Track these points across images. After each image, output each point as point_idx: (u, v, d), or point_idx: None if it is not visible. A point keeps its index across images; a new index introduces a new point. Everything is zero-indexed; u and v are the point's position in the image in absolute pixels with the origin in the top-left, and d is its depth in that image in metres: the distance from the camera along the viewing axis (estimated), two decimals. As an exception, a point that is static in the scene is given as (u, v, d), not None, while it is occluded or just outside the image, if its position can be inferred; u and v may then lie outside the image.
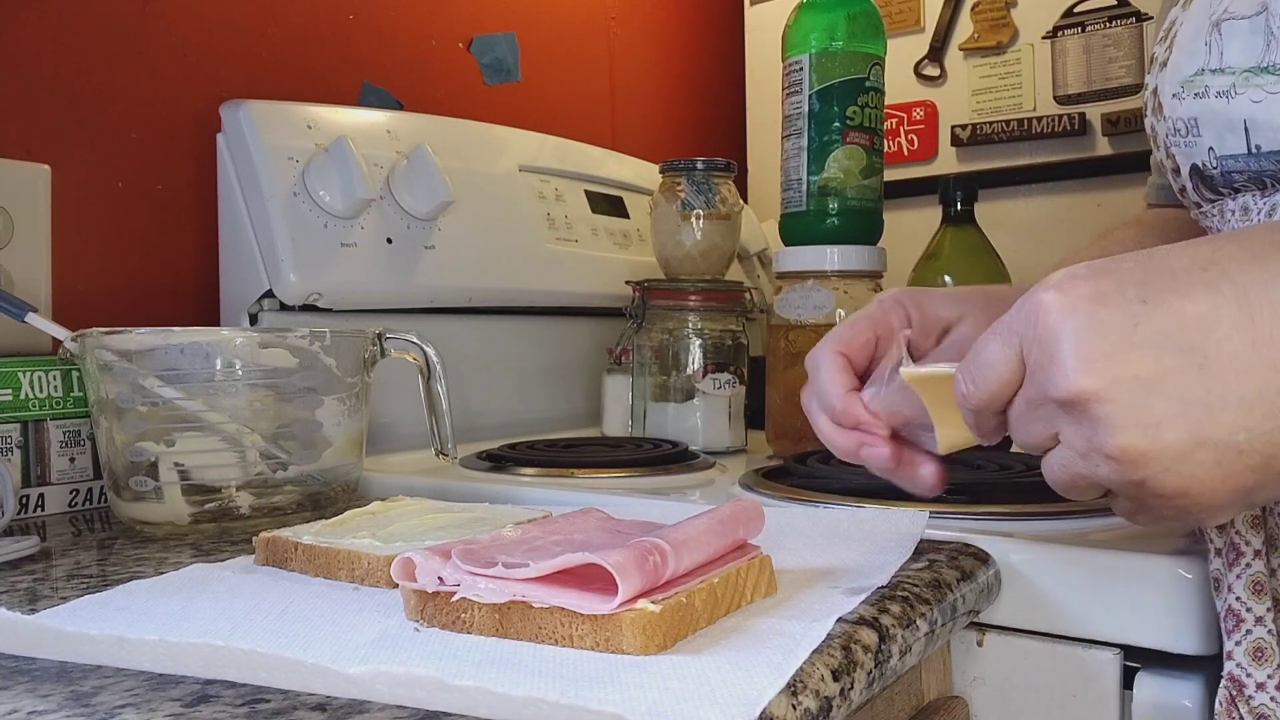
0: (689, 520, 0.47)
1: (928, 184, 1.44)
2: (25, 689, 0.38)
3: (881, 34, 0.94)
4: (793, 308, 0.93)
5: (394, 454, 0.95)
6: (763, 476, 0.77)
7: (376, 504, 0.64)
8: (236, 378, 0.68)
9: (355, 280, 0.93)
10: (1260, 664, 0.46)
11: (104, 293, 0.90)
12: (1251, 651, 0.46)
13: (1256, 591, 0.46)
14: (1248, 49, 0.47)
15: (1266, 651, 0.46)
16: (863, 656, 0.42)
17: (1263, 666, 0.46)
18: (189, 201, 0.96)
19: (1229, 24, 0.50)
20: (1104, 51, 1.36)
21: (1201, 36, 0.50)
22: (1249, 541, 0.47)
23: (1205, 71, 0.49)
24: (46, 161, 0.85)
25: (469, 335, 1.08)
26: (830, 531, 0.59)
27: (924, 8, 1.51)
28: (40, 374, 0.77)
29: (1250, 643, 0.46)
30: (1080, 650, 0.55)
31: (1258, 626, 0.46)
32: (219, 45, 0.98)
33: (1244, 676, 0.46)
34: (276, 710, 0.36)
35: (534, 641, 0.41)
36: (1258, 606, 0.46)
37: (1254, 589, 0.47)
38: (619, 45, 1.51)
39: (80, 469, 0.79)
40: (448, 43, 1.23)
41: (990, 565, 0.56)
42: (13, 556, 0.60)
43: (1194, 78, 0.50)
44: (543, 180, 1.17)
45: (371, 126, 0.98)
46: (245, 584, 0.52)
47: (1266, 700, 0.46)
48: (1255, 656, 0.46)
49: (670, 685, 0.36)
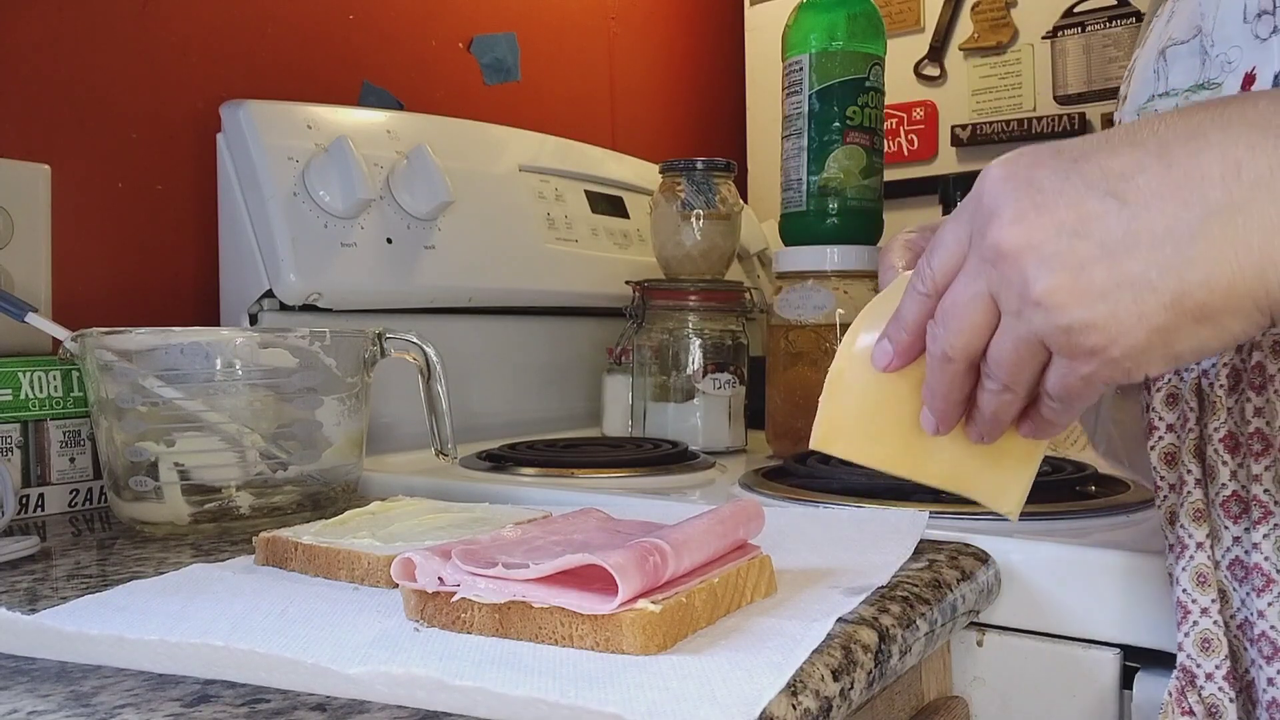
0: (689, 520, 0.47)
1: (928, 184, 1.44)
2: (25, 689, 0.38)
3: (881, 34, 0.94)
4: (792, 308, 0.93)
5: (394, 454, 0.95)
6: (763, 476, 0.77)
7: (376, 504, 0.64)
8: (236, 378, 0.68)
9: (355, 280, 0.93)
10: (1208, 655, 0.47)
11: (104, 293, 0.90)
12: (1199, 642, 0.47)
13: (1200, 583, 0.47)
14: (1188, 70, 0.51)
15: (1213, 642, 0.47)
16: (863, 656, 0.42)
17: (1210, 657, 0.47)
18: (189, 201, 0.96)
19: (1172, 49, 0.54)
20: (1104, 51, 1.36)
21: (1151, 65, 0.53)
22: (1192, 534, 0.48)
23: (1155, 97, 0.52)
24: (46, 161, 0.85)
25: (469, 335, 1.08)
26: (830, 531, 0.59)
27: (924, 8, 1.51)
28: (40, 374, 0.77)
29: (1197, 634, 0.47)
30: (1080, 650, 0.55)
31: (1203, 618, 0.47)
32: (219, 45, 0.98)
33: (1194, 668, 0.47)
34: (276, 710, 0.36)
35: (534, 641, 0.41)
36: (1202, 598, 0.47)
37: (1198, 581, 0.47)
38: (619, 45, 1.51)
39: (80, 469, 0.79)
40: (448, 43, 1.23)
41: (990, 565, 0.56)
42: (13, 556, 0.60)
43: (1146, 104, 0.53)
44: (543, 180, 1.17)
45: (371, 126, 0.98)
46: (245, 584, 0.52)
47: (1215, 691, 0.46)
48: (1203, 647, 0.47)
49: (670, 685, 0.36)
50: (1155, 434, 0.50)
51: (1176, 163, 0.36)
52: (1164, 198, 0.36)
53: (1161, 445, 0.49)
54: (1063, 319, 0.38)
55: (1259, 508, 0.46)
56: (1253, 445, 0.46)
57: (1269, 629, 0.45)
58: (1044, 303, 0.38)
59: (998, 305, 0.40)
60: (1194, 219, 0.35)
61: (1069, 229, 0.37)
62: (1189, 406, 0.49)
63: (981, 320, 0.41)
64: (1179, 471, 0.49)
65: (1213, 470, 0.48)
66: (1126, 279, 0.36)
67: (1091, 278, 0.37)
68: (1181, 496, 0.48)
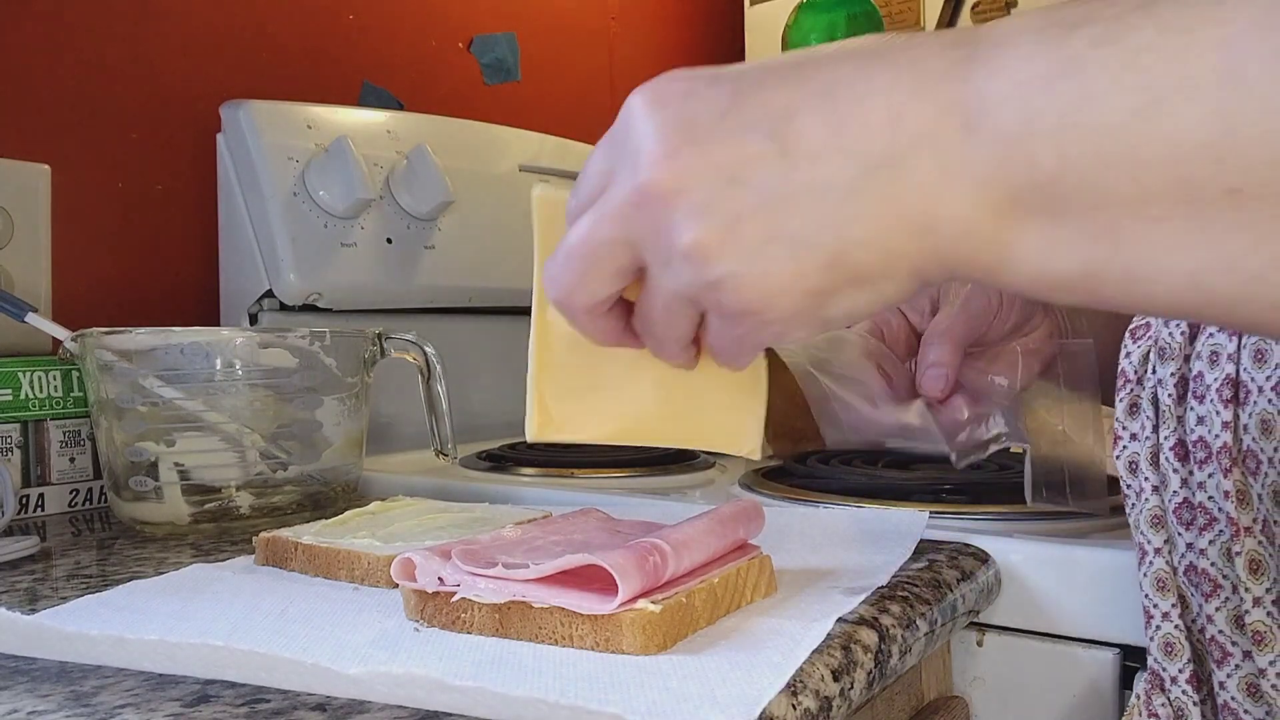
0: (689, 520, 0.47)
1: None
2: (25, 689, 0.38)
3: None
4: (793, 308, 0.93)
5: (394, 454, 0.95)
6: (763, 476, 0.77)
7: (376, 504, 0.64)
8: (236, 378, 0.68)
9: (355, 280, 0.93)
10: (1171, 658, 0.47)
11: (104, 293, 0.90)
12: (1162, 646, 0.48)
13: (1161, 588, 0.48)
14: None
15: (1175, 646, 0.47)
16: (863, 656, 0.42)
17: (1174, 661, 0.47)
18: (189, 201, 0.96)
19: None
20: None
21: None
22: (1150, 540, 0.48)
23: None
24: (46, 161, 0.85)
25: (469, 335, 1.08)
26: (830, 531, 0.59)
27: (924, 8, 1.50)
28: (40, 374, 0.77)
29: (1160, 638, 0.48)
30: (1080, 650, 0.55)
31: (1165, 622, 0.48)
32: (219, 45, 0.98)
33: (1161, 671, 0.47)
34: (276, 710, 0.36)
35: (534, 641, 0.41)
36: (1163, 603, 0.48)
37: (1158, 585, 0.48)
38: (619, 45, 1.51)
39: (80, 469, 0.79)
40: (448, 43, 1.23)
41: (990, 565, 0.56)
42: (13, 556, 0.60)
43: None
44: (543, 180, 1.17)
45: (371, 126, 0.98)
46: (245, 584, 0.52)
47: (1179, 694, 0.47)
48: (1166, 651, 0.48)
49: (670, 685, 0.36)
50: (1120, 443, 0.50)
51: (839, 106, 0.32)
52: (827, 146, 0.31)
53: (1126, 454, 0.50)
54: (711, 273, 0.33)
55: (1204, 515, 0.47)
56: (1196, 453, 0.46)
57: (1218, 634, 0.46)
58: (693, 256, 0.33)
59: (639, 253, 0.36)
60: (855, 172, 0.31)
61: (726, 174, 0.32)
62: (1146, 416, 0.49)
63: (609, 266, 0.36)
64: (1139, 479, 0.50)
65: (1165, 478, 0.48)
66: (784, 234, 0.32)
67: (746, 231, 0.32)
68: (1140, 503, 0.49)
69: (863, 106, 0.31)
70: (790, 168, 0.32)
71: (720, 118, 0.33)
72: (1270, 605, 0.45)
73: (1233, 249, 0.27)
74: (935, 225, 0.31)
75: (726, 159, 0.33)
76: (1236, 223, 0.27)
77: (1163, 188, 0.27)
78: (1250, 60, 0.26)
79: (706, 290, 0.34)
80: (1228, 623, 0.46)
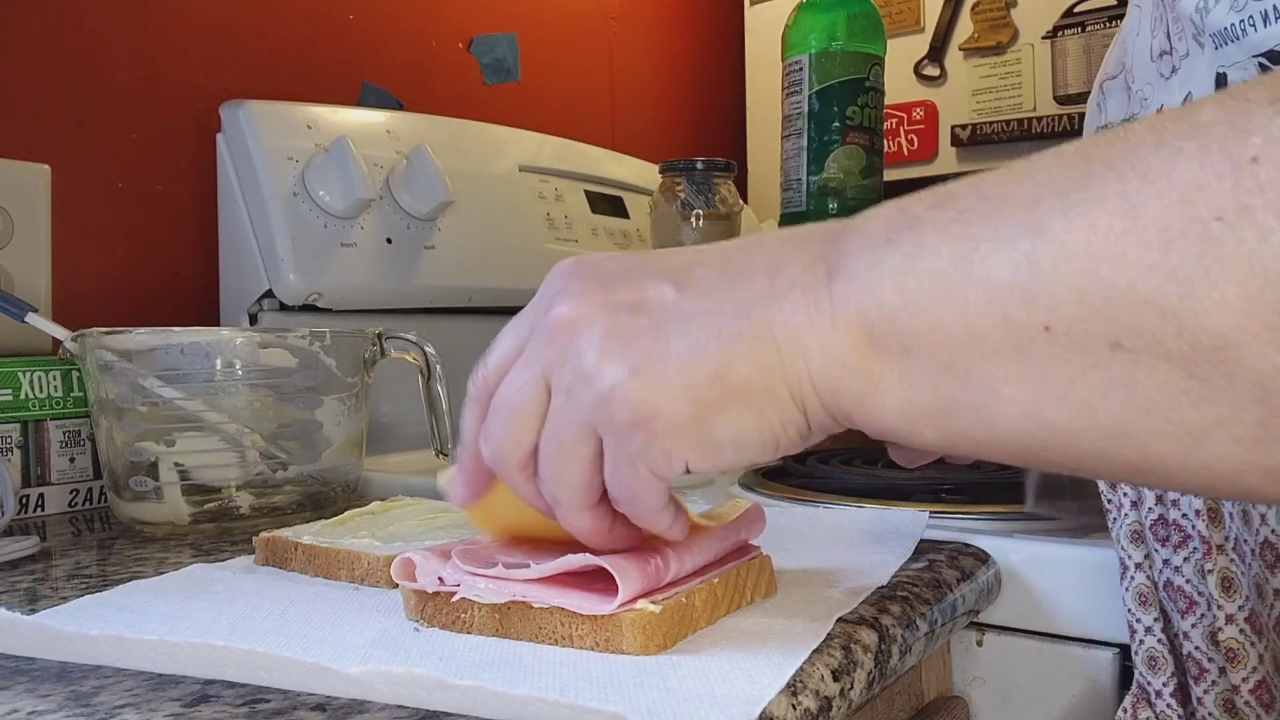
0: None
1: (928, 184, 1.43)
2: (25, 689, 0.38)
3: (881, 34, 0.94)
4: (792, 308, 0.93)
5: (394, 454, 0.95)
6: (763, 476, 0.77)
7: (376, 504, 0.64)
8: (236, 378, 0.68)
9: (355, 280, 0.93)
10: (1155, 672, 0.48)
11: (104, 293, 0.90)
12: (1147, 660, 0.49)
13: (1142, 603, 0.49)
14: (1120, 104, 0.53)
15: (1159, 660, 0.48)
16: (863, 656, 0.42)
17: (1158, 674, 0.48)
18: (189, 201, 0.96)
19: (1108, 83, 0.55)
20: (1104, 52, 1.36)
21: (1096, 100, 0.55)
22: (1130, 555, 0.49)
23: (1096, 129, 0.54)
24: (46, 161, 0.85)
25: (469, 335, 1.08)
26: (830, 531, 0.59)
27: (924, 8, 1.51)
28: (40, 374, 0.77)
29: (1145, 651, 0.49)
30: (1080, 650, 0.55)
31: (1148, 636, 0.49)
32: (219, 45, 0.98)
33: (1146, 684, 0.48)
34: (276, 710, 0.36)
35: (534, 641, 0.41)
36: (1145, 617, 0.49)
37: (1140, 600, 0.49)
38: (619, 45, 1.51)
39: (80, 469, 0.79)
40: (448, 43, 1.23)
41: (990, 565, 0.56)
42: (13, 556, 0.60)
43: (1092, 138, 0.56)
44: (543, 180, 1.17)
45: (371, 126, 0.98)
46: (245, 584, 0.52)
47: (1164, 708, 0.48)
48: (1150, 665, 0.49)
49: (670, 685, 0.36)
50: None
51: (732, 260, 0.37)
52: (719, 285, 0.36)
53: None
54: (604, 384, 0.35)
55: (1178, 532, 0.48)
56: None
57: (1194, 650, 0.47)
58: (590, 374, 0.36)
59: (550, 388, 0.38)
60: (743, 301, 0.35)
61: (627, 305, 0.36)
62: None
63: (531, 409, 0.38)
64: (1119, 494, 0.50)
65: (1141, 494, 0.49)
66: (674, 349, 0.35)
67: (640, 347, 0.35)
68: (1120, 518, 0.50)
69: (752, 261, 0.36)
70: (684, 299, 0.36)
71: (628, 270, 0.38)
72: (1243, 623, 0.46)
73: (1059, 379, 0.29)
74: (808, 351, 0.34)
75: (630, 297, 0.37)
76: (1055, 356, 0.29)
77: (989, 325, 0.30)
78: (1054, 217, 0.29)
79: (600, 407, 0.36)
80: (1203, 639, 0.47)
